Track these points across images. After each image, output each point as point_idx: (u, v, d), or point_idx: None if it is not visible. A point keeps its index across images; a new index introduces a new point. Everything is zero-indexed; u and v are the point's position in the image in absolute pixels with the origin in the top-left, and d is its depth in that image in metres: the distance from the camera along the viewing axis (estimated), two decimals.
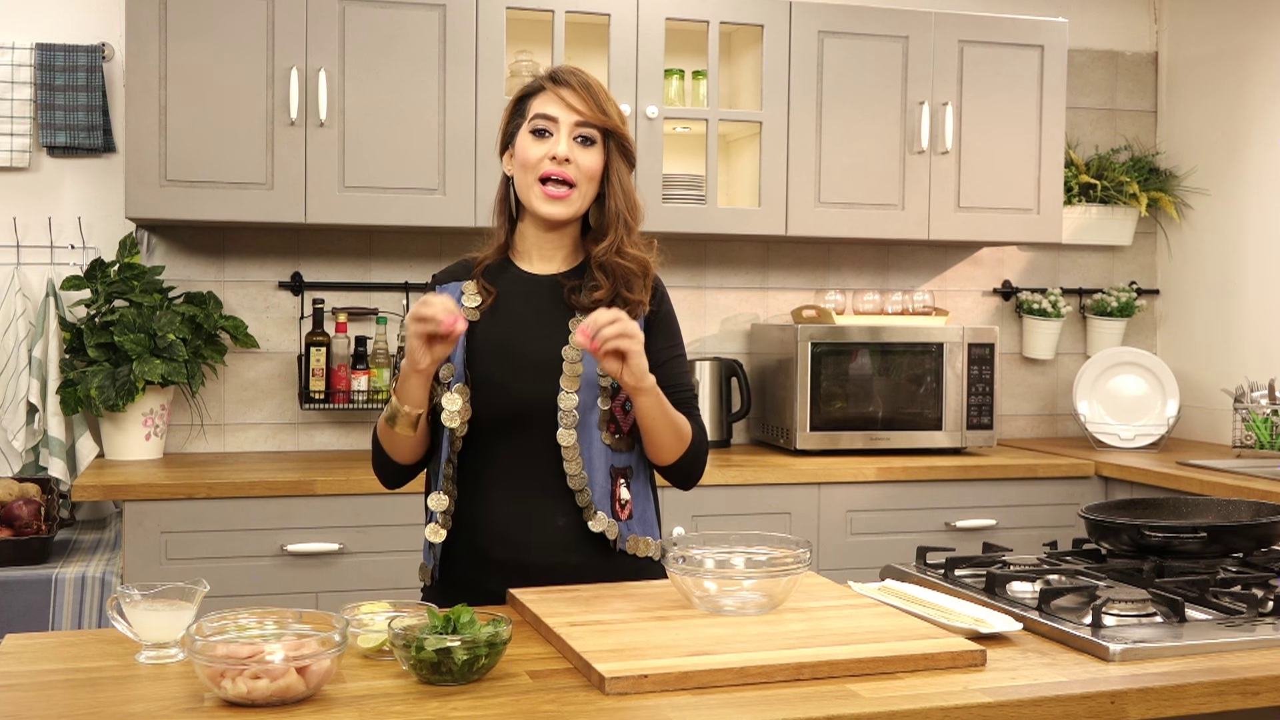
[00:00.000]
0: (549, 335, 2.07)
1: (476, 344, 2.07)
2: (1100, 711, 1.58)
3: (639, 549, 2.11)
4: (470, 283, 2.13)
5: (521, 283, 2.13)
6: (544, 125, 2.07)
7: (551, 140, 2.06)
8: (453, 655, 1.54)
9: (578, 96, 2.06)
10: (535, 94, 2.10)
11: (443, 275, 2.19)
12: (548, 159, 2.05)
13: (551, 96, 2.08)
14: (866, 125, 3.97)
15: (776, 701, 1.51)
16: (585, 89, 2.07)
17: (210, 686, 1.49)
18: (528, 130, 2.08)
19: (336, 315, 3.87)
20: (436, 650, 1.54)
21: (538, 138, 2.07)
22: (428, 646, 1.54)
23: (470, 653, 1.55)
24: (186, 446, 3.84)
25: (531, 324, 2.09)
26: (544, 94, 2.09)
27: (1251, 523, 2.17)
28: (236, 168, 3.50)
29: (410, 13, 3.59)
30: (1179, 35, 4.68)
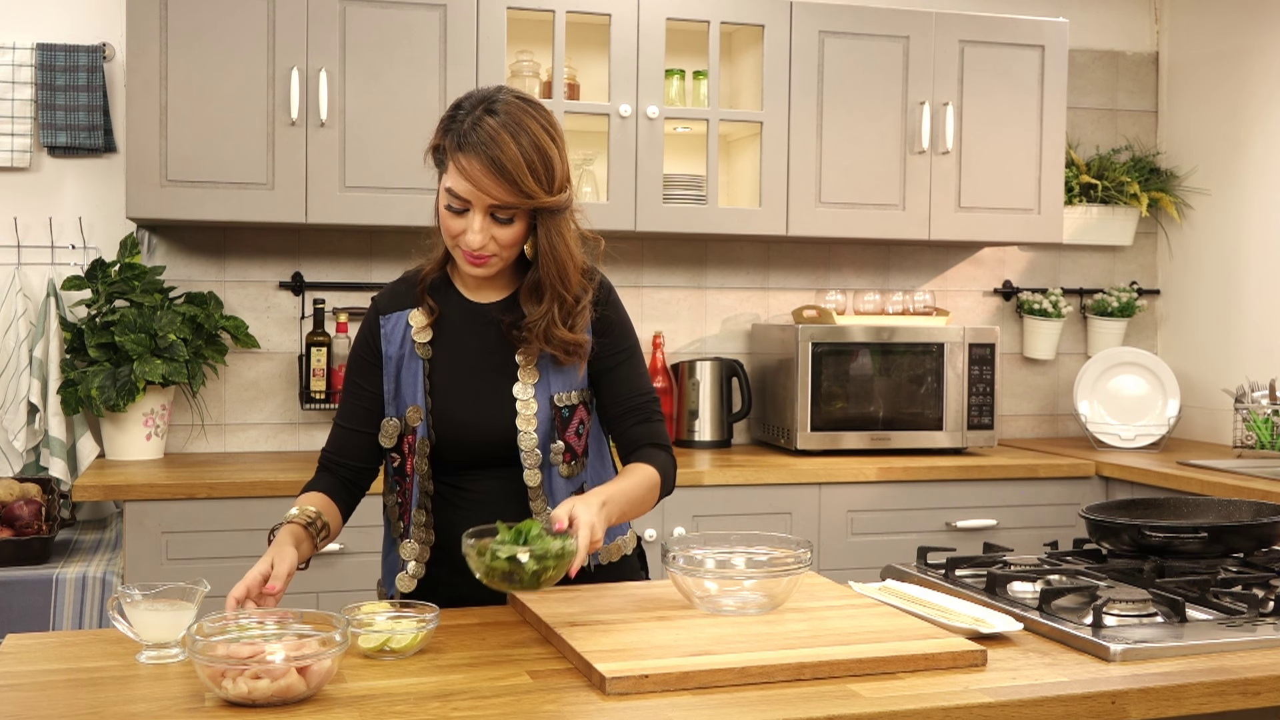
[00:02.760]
0: (498, 369, 2.03)
1: (435, 382, 2.03)
2: (1101, 711, 1.58)
3: (613, 555, 2.13)
4: (416, 312, 2.05)
5: (465, 311, 2.06)
6: (457, 205, 1.92)
7: (468, 218, 1.91)
8: (524, 565, 1.66)
9: (489, 178, 1.87)
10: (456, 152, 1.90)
11: (385, 301, 2.08)
12: (464, 239, 1.92)
13: (462, 172, 1.89)
14: (867, 125, 3.97)
15: (777, 701, 1.51)
16: (496, 169, 1.87)
17: (211, 686, 1.49)
18: (443, 197, 1.93)
19: (337, 315, 3.87)
20: (509, 559, 1.66)
21: (453, 212, 1.92)
22: (501, 555, 1.67)
23: (539, 563, 1.67)
24: (187, 446, 3.84)
25: (481, 360, 2.04)
26: (464, 161, 1.89)
27: (1252, 523, 2.17)
28: (237, 168, 3.50)
29: (411, 13, 3.59)
30: (1180, 35, 4.68)
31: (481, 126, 1.89)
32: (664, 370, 4.11)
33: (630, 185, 3.77)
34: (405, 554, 2.08)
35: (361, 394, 2.07)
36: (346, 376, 2.10)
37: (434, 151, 1.97)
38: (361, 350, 2.07)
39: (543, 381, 2.03)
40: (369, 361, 2.07)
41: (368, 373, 2.07)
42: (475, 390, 2.03)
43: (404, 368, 2.04)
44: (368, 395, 2.07)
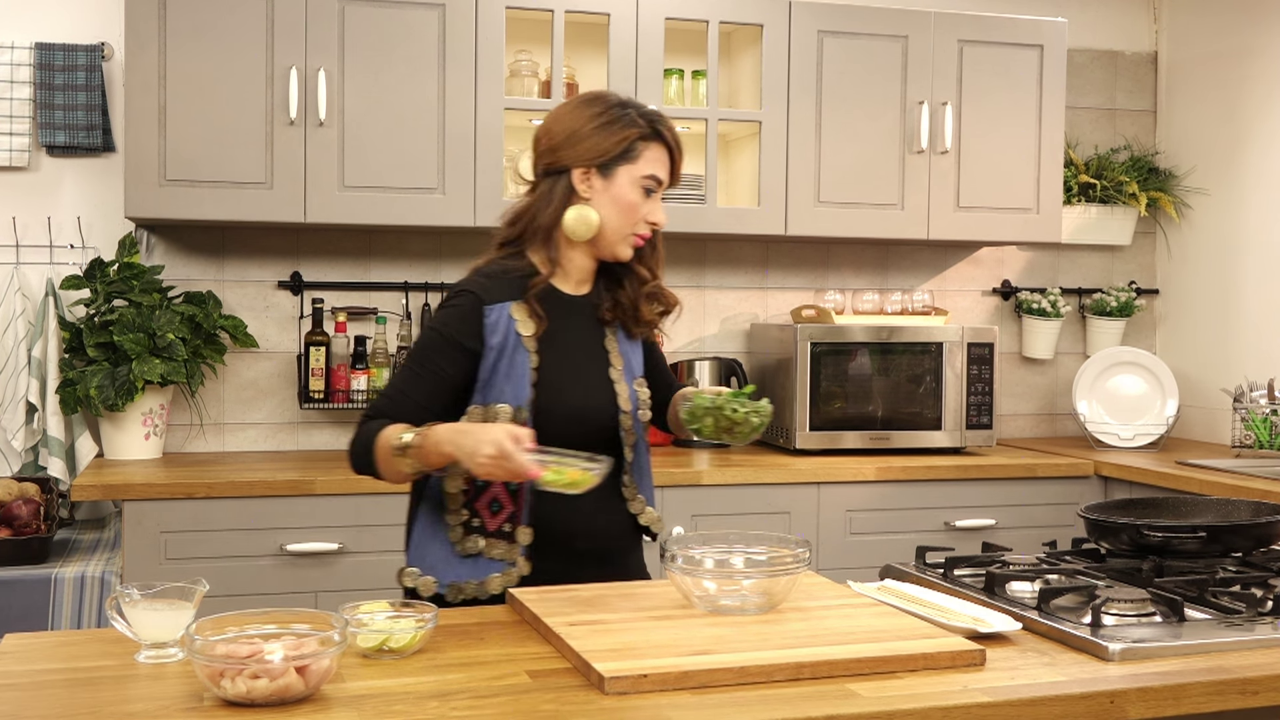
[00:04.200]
0: (595, 357, 2.20)
1: (543, 373, 2.12)
2: (1100, 711, 1.58)
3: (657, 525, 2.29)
4: (517, 305, 2.13)
5: (564, 306, 2.18)
6: (652, 186, 2.16)
7: (652, 201, 2.17)
8: (753, 421, 2.08)
9: (679, 160, 2.19)
10: (647, 141, 2.14)
11: (488, 292, 2.12)
12: (646, 220, 2.16)
13: (662, 157, 2.17)
14: (866, 125, 3.97)
15: (776, 701, 1.51)
16: (681, 152, 2.20)
17: (210, 686, 1.49)
18: (640, 183, 2.14)
19: (336, 315, 3.87)
20: (747, 412, 2.07)
21: (645, 194, 2.15)
22: (741, 410, 2.08)
23: (760, 418, 2.09)
24: (186, 446, 3.84)
25: (581, 350, 2.18)
26: (656, 149, 2.15)
27: (1251, 522, 2.17)
28: (236, 167, 3.50)
29: (410, 12, 3.59)
30: (1178, 35, 4.68)
31: (661, 117, 2.17)
32: None
33: None
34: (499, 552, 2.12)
35: (440, 375, 2.10)
36: (421, 355, 2.12)
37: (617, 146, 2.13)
38: (457, 335, 2.10)
39: (626, 366, 2.23)
40: (463, 347, 2.10)
41: (454, 357, 2.10)
42: (582, 378, 2.17)
43: (505, 359, 2.10)
44: (445, 378, 2.11)
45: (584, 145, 2.13)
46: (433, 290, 3.99)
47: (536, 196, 2.17)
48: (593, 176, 2.14)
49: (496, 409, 2.09)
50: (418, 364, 2.12)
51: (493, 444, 1.90)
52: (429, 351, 2.12)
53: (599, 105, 2.15)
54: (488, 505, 2.13)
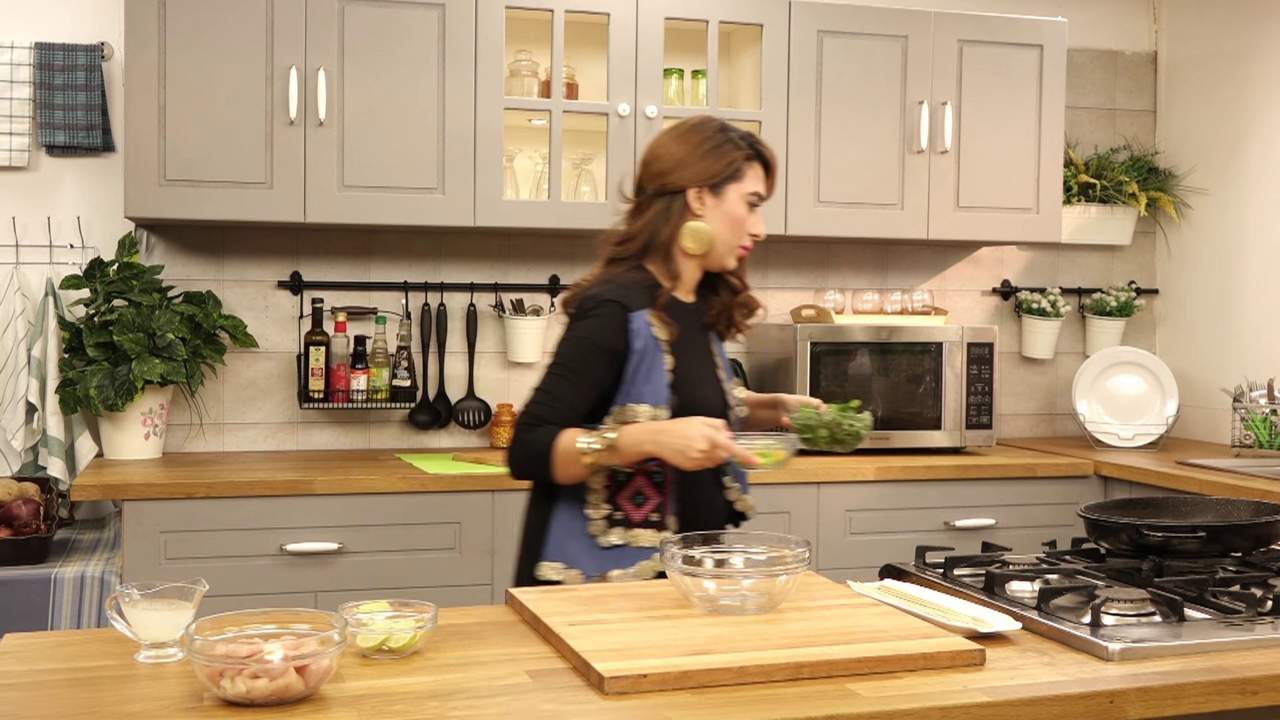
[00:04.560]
0: (708, 359, 2.43)
1: (678, 374, 2.32)
2: (1099, 711, 1.58)
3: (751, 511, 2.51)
4: (651, 313, 2.31)
5: (683, 313, 2.38)
6: (755, 201, 2.39)
7: (754, 215, 2.39)
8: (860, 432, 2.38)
9: (773, 181, 2.44)
10: (750, 161, 2.37)
11: (630, 301, 2.30)
12: (749, 232, 2.39)
13: (761, 174, 2.40)
14: (866, 125, 3.97)
15: (775, 701, 1.51)
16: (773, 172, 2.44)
17: (209, 686, 1.49)
18: (745, 199, 2.36)
19: (336, 315, 3.87)
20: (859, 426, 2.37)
21: (750, 209, 2.38)
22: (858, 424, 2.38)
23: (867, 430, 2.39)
24: (185, 446, 3.84)
25: (698, 352, 2.40)
26: (756, 168, 2.39)
27: (1250, 522, 2.17)
28: (235, 167, 3.50)
29: (409, 12, 3.59)
30: (1178, 35, 4.68)
31: (757, 139, 2.41)
32: None
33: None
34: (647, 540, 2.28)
35: (592, 380, 2.28)
36: (574, 363, 2.28)
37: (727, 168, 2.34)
38: (607, 342, 2.28)
39: (725, 366, 2.48)
40: (614, 353, 2.28)
41: (606, 364, 2.28)
42: (704, 379, 2.39)
43: (645, 362, 2.28)
44: (596, 383, 2.28)
45: (697, 168, 2.34)
46: (432, 290, 3.99)
47: (653, 215, 2.36)
48: (705, 195, 2.35)
49: (635, 409, 2.27)
50: (571, 371, 2.28)
51: (703, 438, 2.16)
52: (582, 359, 2.28)
53: (705, 130, 2.37)
54: (630, 498, 2.30)
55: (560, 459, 2.22)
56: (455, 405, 4.02)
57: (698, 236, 2.34)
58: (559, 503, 2.32)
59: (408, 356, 3.89)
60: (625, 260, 2.37)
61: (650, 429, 2.21)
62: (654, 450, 2.19)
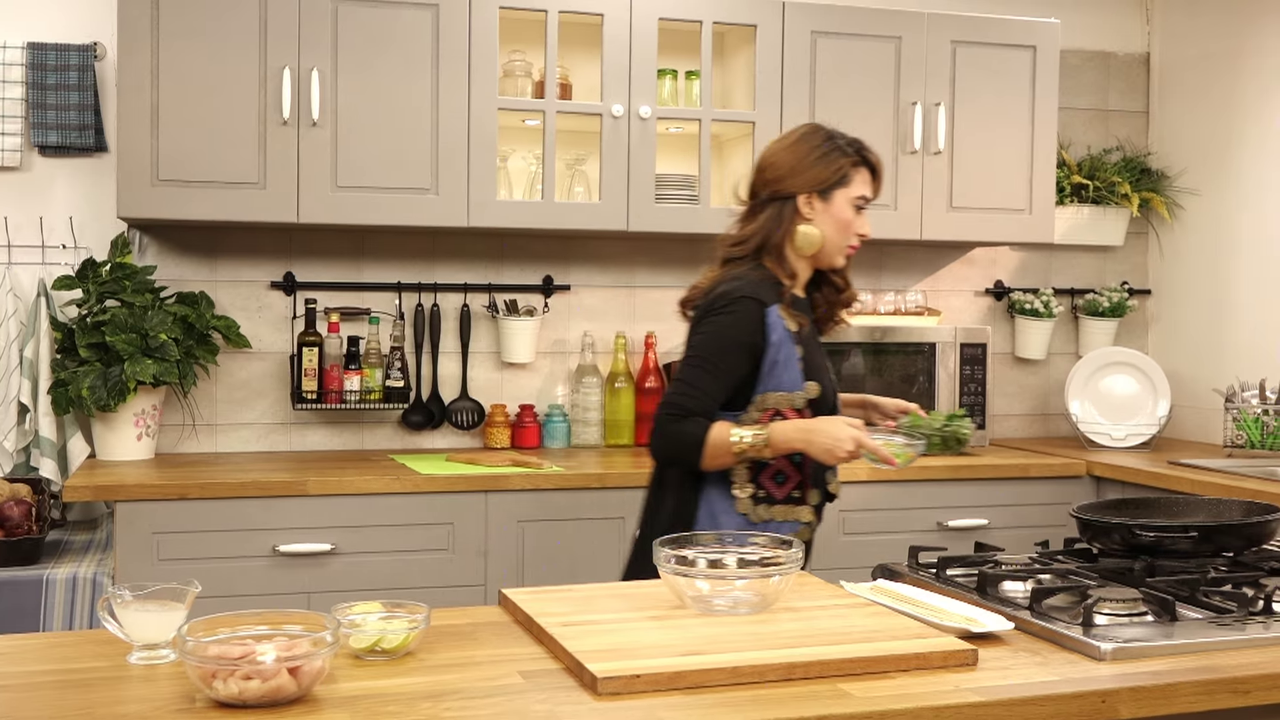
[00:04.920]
0: (821, 351, 2.61)
1: (807, 364, 2.52)
2: (1091, 711, 1.58)
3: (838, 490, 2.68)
4: (780, 307, 2.50)
5: (800, 307, 2.58)
6: (861, 204, 2.57)
7: (861, 217, 2.58)
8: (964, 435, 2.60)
9: (879, 184, 2.63)
10: (857, 167, 2.57)
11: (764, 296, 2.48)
12: (858, 233, 2.58)
13: (868, 179, 2.60)
14: (859, 125, 3.92)
15: (768, 701, 1.52)
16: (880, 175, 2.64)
17: (201, 687, 1.48)
18: (852, 203, 2.56)
19: (329, 315, 3.87)
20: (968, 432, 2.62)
21: (858, 212, 2.57)
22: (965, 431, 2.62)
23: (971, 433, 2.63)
24: (178, 447, 3.84)
25: (815, 344, 2.59)
26: (863, 173, 2.58)
27: (1242, 522, 2.17)
28: (229, 167, 3.49)
29: (403, 12, 3.59)
30: (1171, 36, 4.69)
31: (864, 145, 2.61)
32: (656, 370, 4.11)
33: (623, 185, 3.77)
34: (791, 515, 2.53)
35: (733, 373, 2.46)
36: (715, 356, 2.45)
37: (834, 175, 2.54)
38: (748, 337, 2.46)
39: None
40: (752, 346, 2.46)
41: (744, 357, 2.46)
42: (824, 367, 2.57)
43: (781, 353, 2.47)
44: (736, 375, 2.46)
45: (807, 175, 2.54)
46: (425, 290, 3.99)
47: (767, 219, 2.55)
48: (814, 200, 2.54)
49: (774, 397, 2.47)
50: (711, 364, 2.45)
51: (851, 439, 2.40)
52: (722, 352, 2.46)
53: (815, 139, 2.57)
54: (771, 478, 2.52)
55: (711, 450, 2.42)
56: (449, 406, 4.02)
57: (808, 239, 2.54)
58: (706, 487, 2.50)
59: (401, 357, 3.89)
60: (741, 260, 2.56)
61: (801, 427, 2.43)
62: (803, 447, 2.42)
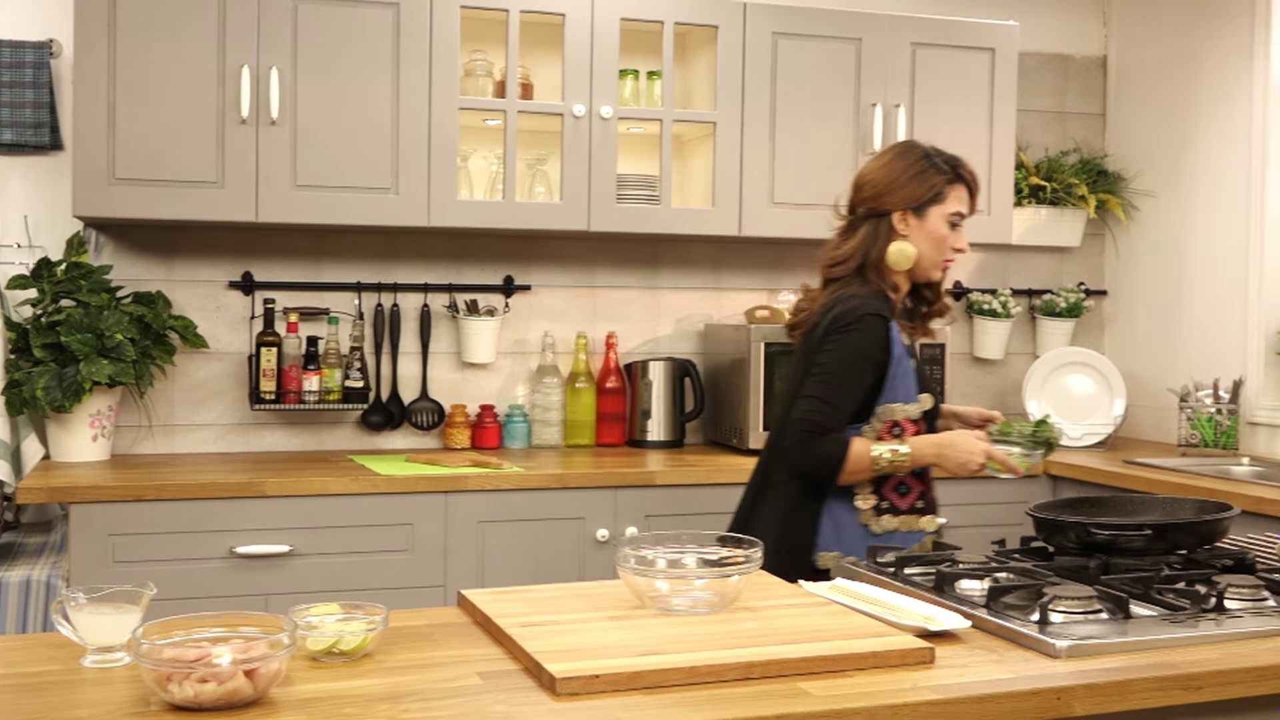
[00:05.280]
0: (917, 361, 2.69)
1: (918, 376, 2.63)
2: (1047, 707, 1.60)
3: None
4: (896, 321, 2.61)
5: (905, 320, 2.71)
6: (956, 220, 2.64)
7: (956, 233, 2.65)
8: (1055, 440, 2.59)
9: (975, 200, 2.69)
10: (952, 184, 2.64)
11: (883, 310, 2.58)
12: (953, 248, 2.64)
13: (964, 196, 2.66)
14: (820, 126, 3.99)
15: (727, 700, 1.52)
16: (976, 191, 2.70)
17: (156, 690, 1.47)
18: (947, 219, 2.63)
19: (288, 315, 3.84)
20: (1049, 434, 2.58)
21: (952, 228, 2.64)
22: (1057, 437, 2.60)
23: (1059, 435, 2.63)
24: (134, 448, 3.80)
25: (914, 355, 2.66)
26: (959, 190, 2.65)
27: (1195, 520, 2.20)
28: (187, 166, 3.46)
29: (364, 11, 3.57)
30: (1127, 39, 4.74)
31: (961, 162, 2.68)
32: (616, 370, 4.11)
33: (584, 185, 3.77)
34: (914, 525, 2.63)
35: (862, 387, 2.55)
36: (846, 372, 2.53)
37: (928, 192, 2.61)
38: (875, 353, 2.55)
39: None
40: (878, 361, 2.55)
41: (871, 373, 2.55)
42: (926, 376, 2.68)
43: (901, 366, 2.57)
44: (865, 388, 2.55)
45: (901, 193, 2.62)
46: (385, 290, 3.97)
47: (864, 236, 2.63)
48: (909, 217, 2.62)
49: (892, 408, 2.56)
50: (843, 381, 2.53)
51: (980, 451, 2.52)
52: (852, 369, 2.54)
53: (910, 157, 2.65)
54: (894, 489, 2.61)
55: (850, 466, 2.51)
56: (408, 406, 4.00)
57: (903, 255, 2.61)
58: (829, 499, 2.57)
59: (360, 357, 3.87)
60: (842, 279, 2.64)
61: (935, 443, 2.54)
62: (936, 461, 2.55)
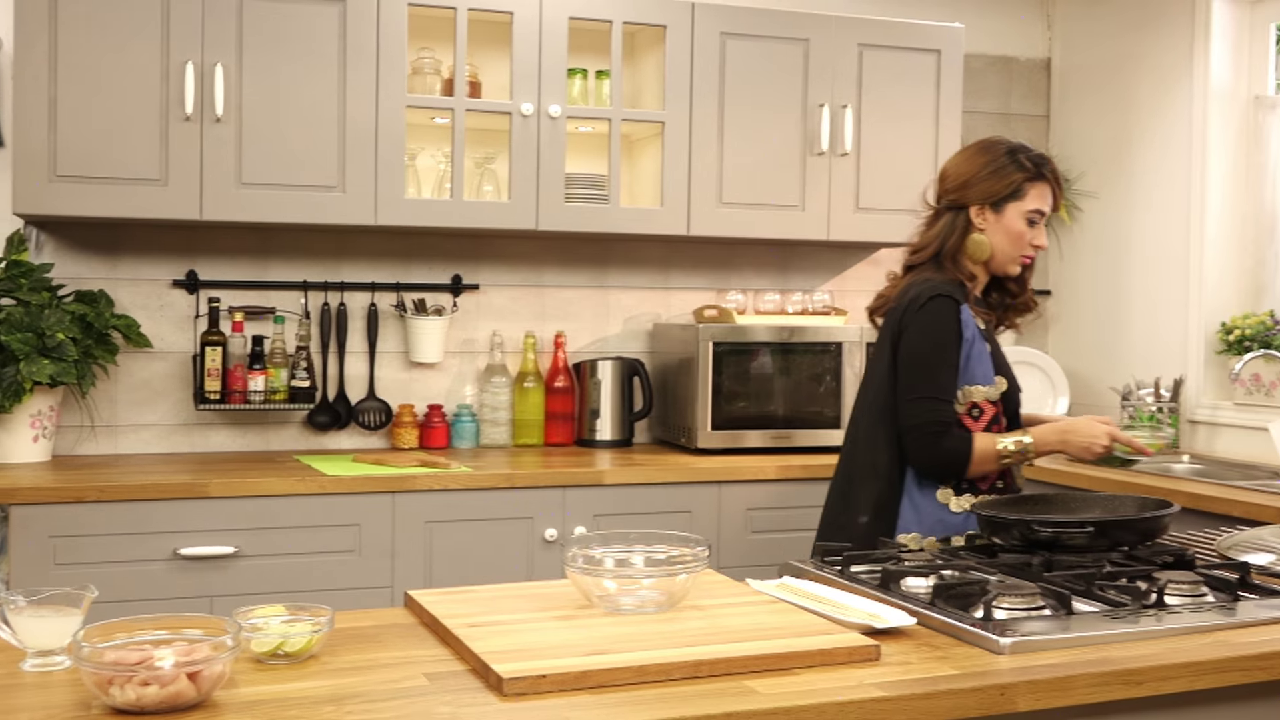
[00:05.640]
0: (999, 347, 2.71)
1: (995, 357, 2.66)
2: (990, 703, 1.61)
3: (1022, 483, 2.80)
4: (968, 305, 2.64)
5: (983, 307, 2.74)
6: (1035, 218, 2.67)
7: (1036, 230, 2.68)
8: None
9: (1058, 196, 2.71)
10: (1033, 181, 2.66)
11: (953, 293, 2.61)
12: (1032, 244, 2.68)
13: (1046, 193, 2.68)
14: (768, 126, 4.00)
15: (674, 699, 1.52)
16: (1059, 189, 2.72)
17: (98, 694, 1.46)
18: (1025, 216, 2.66)
19: (233, 314, 3.81)
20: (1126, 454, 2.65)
21: (1031, 226, 2.67)
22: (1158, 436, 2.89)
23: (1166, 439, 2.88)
24: (76, 449, 3.75)
25: (994, 341, 2.70)
26: (1040, 187, 2.67)
27: (1136, 517, 2.23)
28: (130, 163, 3.42)
29: (310, 7, 3.55)
30: (1071, 42, 4.79)
31: (1046, 159, 2.68)
32: (565, 369, 4.11)
33: (532, 184, 3.76)
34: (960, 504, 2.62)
35: (956, 368, 2.59)
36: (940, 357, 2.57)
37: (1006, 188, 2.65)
38: (954, 333, 2.59)
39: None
40: (960, 341, 2.59)
41: (957, 351, 2.59)
42: (1006, 363, 2.69)
43: (975, 348, 2.61)
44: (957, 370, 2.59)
45: (979, 188, 2.66)
46: (331, 289, 3.94)
47: (942, 227, 2.70)
48: (986, 212, 2.67)
49: (971, 390, 2.60)
50: (938, 363, 2.58)
51: (1105, 434, 2.58)
52: (935, 347, 2.58)
53: (992, 153, 2.68)
54: None
55: (977, 459, 2.55)
56: (356, 406, 3.98)
57: (978, 248, 2.67)
58: (909, 480, 2.62)
59: (307, 357, 3.84)
60: (920, 267, 2.71)
61: (1057, 429, 2.60)
62: (1060, 448, 2.59)
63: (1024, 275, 2.77)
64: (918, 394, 2.57)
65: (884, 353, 2.67)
